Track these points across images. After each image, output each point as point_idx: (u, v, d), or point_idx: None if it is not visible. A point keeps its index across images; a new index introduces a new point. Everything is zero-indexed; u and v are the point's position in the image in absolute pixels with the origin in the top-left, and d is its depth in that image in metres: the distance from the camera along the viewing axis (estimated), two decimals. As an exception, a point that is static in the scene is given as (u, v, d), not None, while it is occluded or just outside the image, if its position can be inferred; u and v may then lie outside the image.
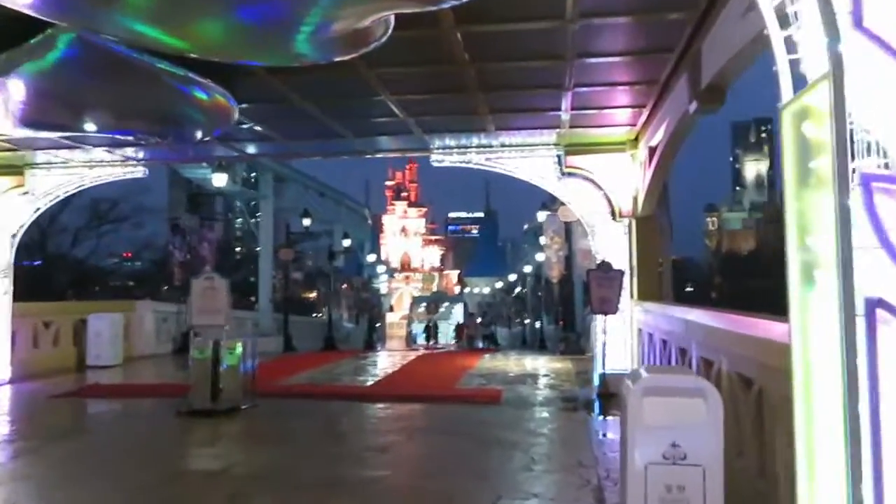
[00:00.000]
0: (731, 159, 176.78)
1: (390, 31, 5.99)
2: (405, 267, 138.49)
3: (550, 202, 22.07)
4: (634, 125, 10.89)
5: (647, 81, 9.12)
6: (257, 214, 26.96)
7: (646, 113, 10.26)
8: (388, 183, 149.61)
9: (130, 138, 11.19)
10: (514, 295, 57.36)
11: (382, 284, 58.55)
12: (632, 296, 11.73)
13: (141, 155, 13.03)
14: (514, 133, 11.59)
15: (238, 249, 62.25)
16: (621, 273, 11.48)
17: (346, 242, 32.82)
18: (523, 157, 12.09)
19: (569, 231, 18.76)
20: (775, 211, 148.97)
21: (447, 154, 12.25)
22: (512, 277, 60.19)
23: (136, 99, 8.22)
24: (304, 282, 43.60)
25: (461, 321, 57.06)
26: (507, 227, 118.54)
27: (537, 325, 43.85)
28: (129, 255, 51.52)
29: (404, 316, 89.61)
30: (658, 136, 9.94)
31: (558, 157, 11.93)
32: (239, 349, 9.98)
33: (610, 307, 11.44)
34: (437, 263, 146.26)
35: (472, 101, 10.00)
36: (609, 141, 11.64)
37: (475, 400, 10.50)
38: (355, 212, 42.72)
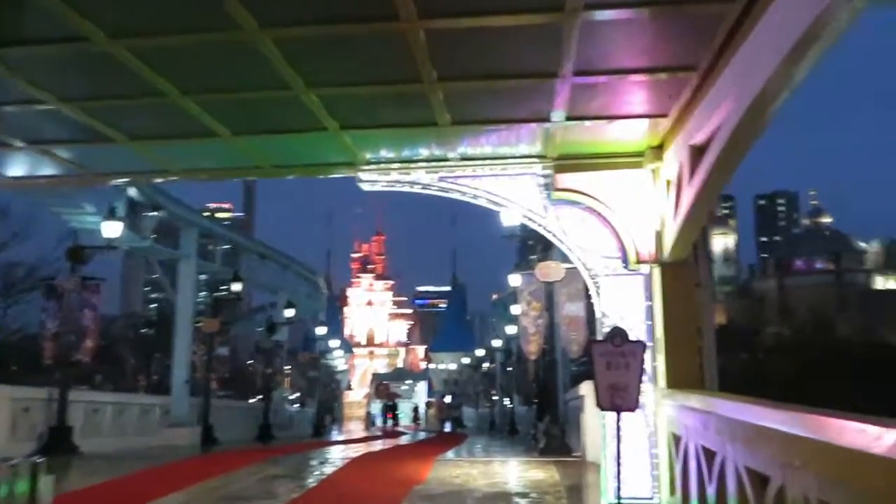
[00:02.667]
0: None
1: None
2: (370, 342, 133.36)
3: (524, 262, 18.31)
4: (661, 121, 7.17)
5: (693, 45, 5.58)
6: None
7: (683, 99, 6.58)
8: (354, 255, 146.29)
9: None
10: (481, 371, 52.82)
11: (339, 360, 53.58)
12: (655, 382, 7.81)
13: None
14: (482, 138, 7.82)
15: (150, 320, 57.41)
16: (642, 347, 7.57)
17: (290, 312, 28.45)
18: (494, 175, 8.26)
19: (550, 295, 14.90)
20: (744, 286, 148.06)
21: (381, 172, 8.36)
22: (480, 353, 55.79)
23: None
24: (236, 359, 38.74)
25: (421, 403, 52.18)
26: (475, 300, 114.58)
27: (507, 404, 39.36)
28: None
29: (367, 395, 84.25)
30: (707, 129, 6.22)
31: (545, 175, 8.14)
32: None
33: (626, 399, 7.48)
34: (403, 338, 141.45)
35: (417, 87, 6.31)
36: (620, 150, 7.91)
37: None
38: (307, 280, 38.45)
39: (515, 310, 28.44)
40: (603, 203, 8.08)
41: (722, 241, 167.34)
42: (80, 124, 7.17)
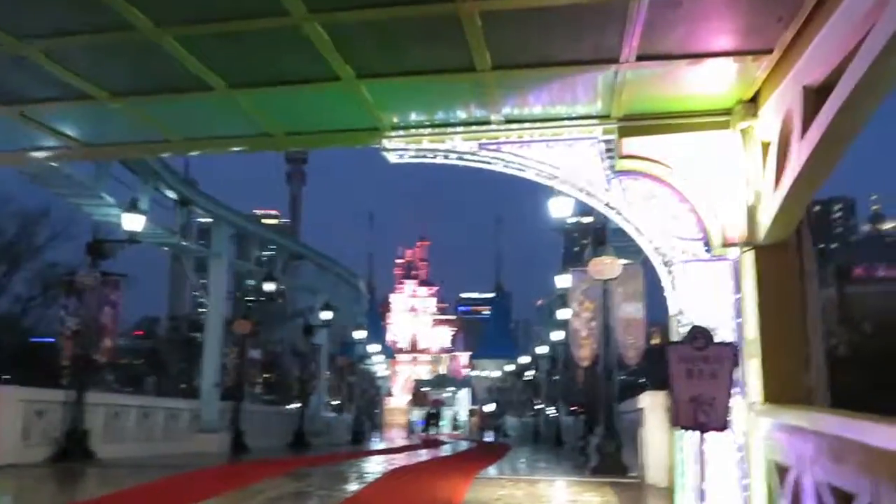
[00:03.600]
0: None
1: None
2: (413, 348, 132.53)
3: (574, 260, 16.80)
4: (762, 61, 5.63)
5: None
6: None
7: (796, 25, 5.06)
8: (398, 261, 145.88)
9: None
10: (525, 380, 51.05)
11: (380, 366, 52.52)
12: (746, 395, 6.25)
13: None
14: (530, 96, 6.41)
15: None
16: (732, 351, 6.05)
17: (327, 315, 27.35)
18: (545, 140, 6.82)
19: (605, 294, 13.35)
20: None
21: (411, 138, 7.00)
22: (524, 360, 54.00)
23: None
24: (279, 364, 37.92)
25: (463, 411, 50.54)
26: (519, 307, 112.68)
27: (551, 414, 37.54)
28: None
29: (409, 401, 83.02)
30: (835, 57, 4.69)
31: (608, 140, 6.68)
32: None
33: (712, 416, 5.96)
34: (446, 344, 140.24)
35: (449, 7, 4.95)
36: (702, 107, 6.39)
37: None
38: (347, 282, 37.40)
39: (563, 314, 26.81)
40: (679, 174, 6.58)
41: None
42: (51, 77, 6.01)
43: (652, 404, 11.26)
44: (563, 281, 21.81)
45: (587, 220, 16.93)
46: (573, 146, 6.75)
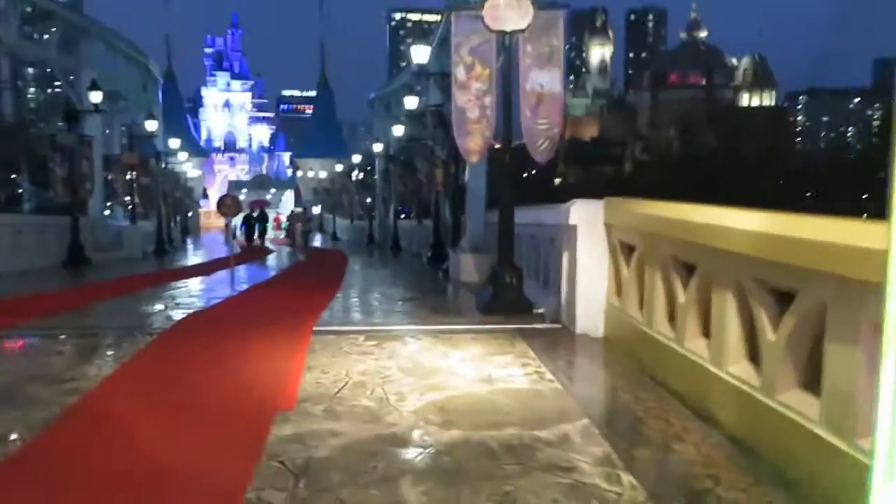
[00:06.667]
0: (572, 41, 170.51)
1: None
2: (229, 147, 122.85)
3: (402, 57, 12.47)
4: None
5: None
6: None
7: None
8: (207, 50, 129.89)
9: None
10: (358, 181, 46.86)
11: (187, 166, 45.52)
12: None
13: None
14: None
15: None
16: None
17: (97, 97, 20.50)
18: None
19: (509, 55, 8.80)
20: (618, 99, 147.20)
21: None
22: (356, 159, 49.39)
23: None
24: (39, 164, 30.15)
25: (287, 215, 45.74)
26: (344, 108, 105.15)
27: (389, 219, 34.02)
28: None
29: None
30: None
31: None
32: None
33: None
34: (265, 144, 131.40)
35: None
36: None
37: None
38: (133, 61, 29.47)
39: (410, 102, 22.14)
40: None
41: (599, 52, 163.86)
42: None
43: (588, 219, 7.39)
44: (419, 55, 16.85)
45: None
46: None
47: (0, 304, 10.63)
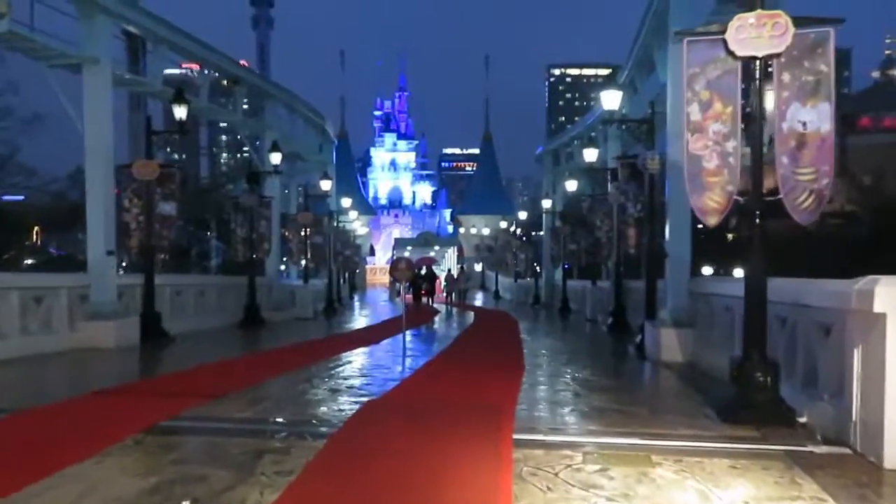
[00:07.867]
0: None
1: None
2: (394, 205, 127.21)
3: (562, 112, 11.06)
4: None
5: None
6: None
7: None
8: (377, 113, 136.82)
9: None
10: (522, 238, 45.42)
11: (356, 224, 46.58)
12: None
13: None
14: None
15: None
16: None
17: (276, 158, 20.76)
18: None
19: (750, 85, 6.92)
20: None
21: None
22: (522, 216, 48.11)
23: None
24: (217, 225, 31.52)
25: (454, 271, 45.24)
26: (506, 164, 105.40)
27: (558, 278, 32.03)
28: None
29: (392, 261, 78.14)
30: None
31: None
32: None
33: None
34: (428, 200, 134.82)
35: None
36: None
37: None
38: (311, 123, 30.39)
39: (589, 154, 20.44)
40: None
41: (773, 96, 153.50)
42: None
43: (903, 299, 5.22)
44: (609, 100, 15.13)
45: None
46: None
47: (162, 382, 10.06)
